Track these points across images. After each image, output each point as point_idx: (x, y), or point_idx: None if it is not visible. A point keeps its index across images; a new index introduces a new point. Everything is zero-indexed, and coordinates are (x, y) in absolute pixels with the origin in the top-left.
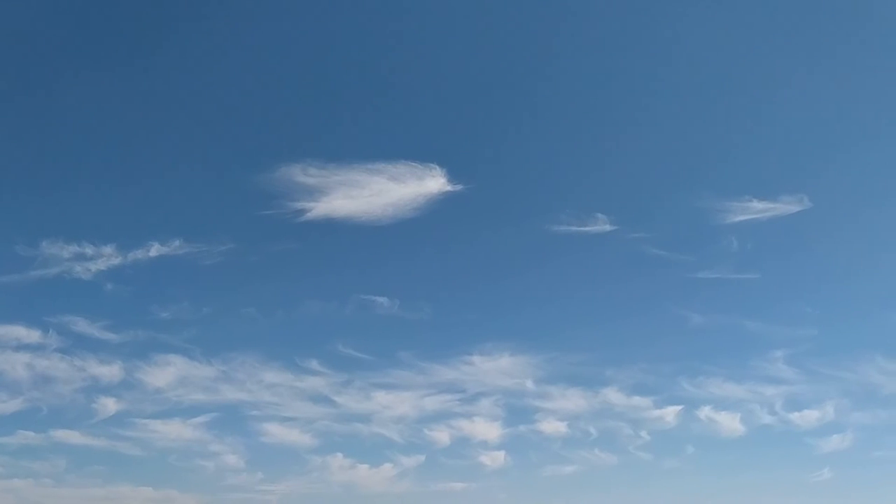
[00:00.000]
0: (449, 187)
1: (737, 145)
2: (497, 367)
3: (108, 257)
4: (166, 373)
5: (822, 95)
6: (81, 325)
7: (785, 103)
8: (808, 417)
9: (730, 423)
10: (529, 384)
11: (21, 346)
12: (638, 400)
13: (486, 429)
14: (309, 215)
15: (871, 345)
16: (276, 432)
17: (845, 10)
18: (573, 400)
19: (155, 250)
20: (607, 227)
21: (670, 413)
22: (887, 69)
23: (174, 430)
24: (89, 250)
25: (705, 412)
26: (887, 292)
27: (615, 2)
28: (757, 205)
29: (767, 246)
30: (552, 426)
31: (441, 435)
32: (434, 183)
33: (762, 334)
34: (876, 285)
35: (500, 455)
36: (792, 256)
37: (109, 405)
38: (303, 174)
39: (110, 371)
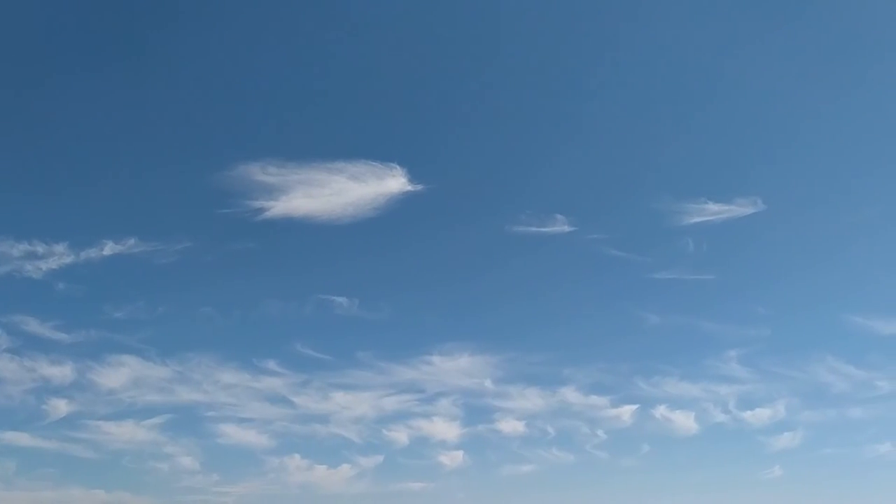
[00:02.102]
0: (409, 187)
1: (693, 148)
2: (456, 367)
3: (59, 256)
4: (120, 373)
5: (775, 100)
6: (32, 325)
7: (739, 107)
8: (760, 416)
9: (684, 421)
10: (488, 384)
11: None
12: (595, 399)
13: (445, 428)
14: (268, 214)
15: (821, 345)
16: (232, 433)
17: (799, 15)
18: (531, 399)
19: (109, 249)
20: (566, 228)
21: (626, 412)
22: (841, 73)
23: (128, 432)
24: (40, 249)
25: (660, 411)
26: (838, 293)
27: (573, 4)
28: (712, 207)
29: (722, 247)
30: (510, 425)
31: (400, 435)
32: (394, 182)
33: (716, 334)
34: (827, 286)
35: (459, 455)
36: (746, 257)
37: (61, 406)
38: (262, 172)
39: (62, 372)
